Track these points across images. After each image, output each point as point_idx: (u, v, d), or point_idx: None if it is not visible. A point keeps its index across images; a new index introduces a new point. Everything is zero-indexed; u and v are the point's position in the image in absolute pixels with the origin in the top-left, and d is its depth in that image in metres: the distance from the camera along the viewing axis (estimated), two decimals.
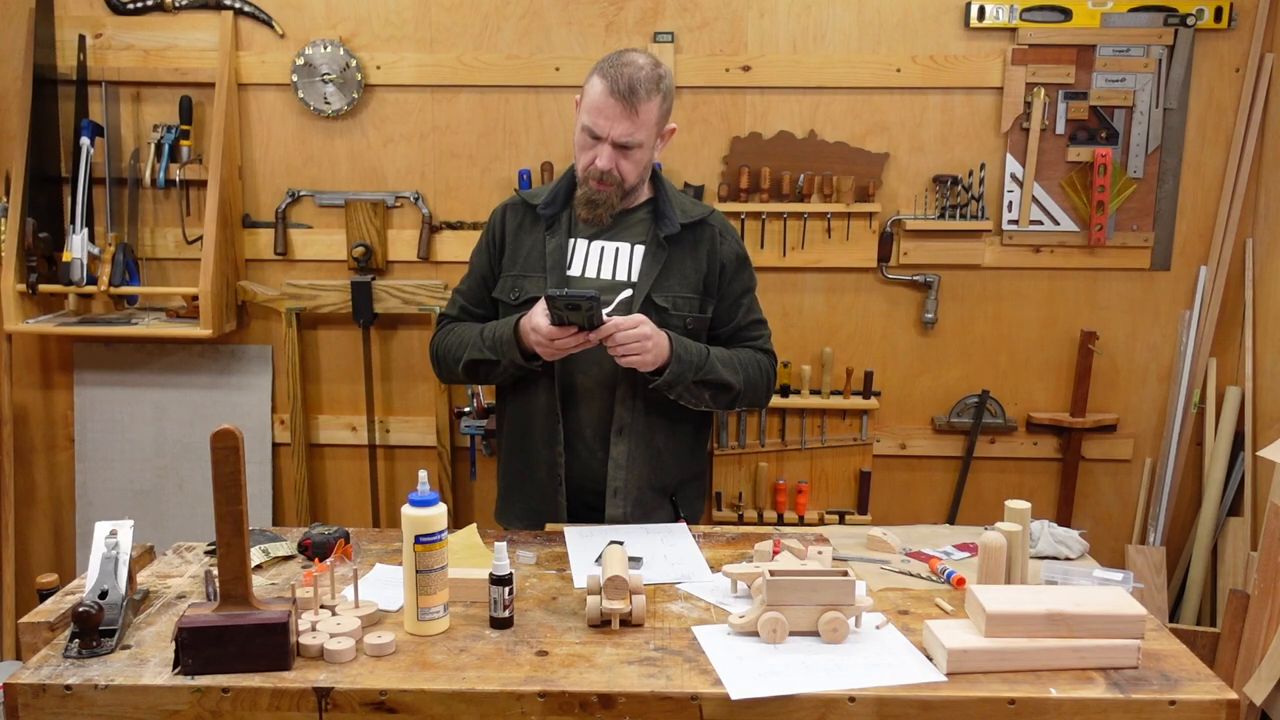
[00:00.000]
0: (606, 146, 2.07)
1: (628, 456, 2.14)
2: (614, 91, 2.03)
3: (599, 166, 2.08)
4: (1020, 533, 1.71)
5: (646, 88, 2.04)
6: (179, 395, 3.19)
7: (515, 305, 2.18)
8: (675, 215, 2.17)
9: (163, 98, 3.08)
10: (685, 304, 2.17)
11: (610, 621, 1.61)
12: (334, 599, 1.66)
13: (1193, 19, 2.96)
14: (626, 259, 2.18)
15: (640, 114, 2.05)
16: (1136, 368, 3.18)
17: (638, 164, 2.11)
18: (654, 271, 2.15)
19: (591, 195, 2.11)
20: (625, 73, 2.04)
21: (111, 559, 1.62)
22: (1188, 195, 3.08)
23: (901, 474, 3.26)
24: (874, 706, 1.43)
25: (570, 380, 2.16)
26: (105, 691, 1.44)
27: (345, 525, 2.08)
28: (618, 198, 2.13)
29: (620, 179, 2.10)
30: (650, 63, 2.09)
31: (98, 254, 2.99)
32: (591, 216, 2.13)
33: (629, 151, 2.08)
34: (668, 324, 2.12)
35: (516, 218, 2.26)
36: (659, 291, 2.14)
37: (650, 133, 2.09)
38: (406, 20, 3.04)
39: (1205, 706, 1.44)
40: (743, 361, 2.20)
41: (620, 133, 2.05)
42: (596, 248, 2.19)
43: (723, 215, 2.30)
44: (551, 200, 2.20)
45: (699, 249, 2.19)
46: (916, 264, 3.12)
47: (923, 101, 3.05)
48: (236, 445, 1.45)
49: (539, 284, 2.16)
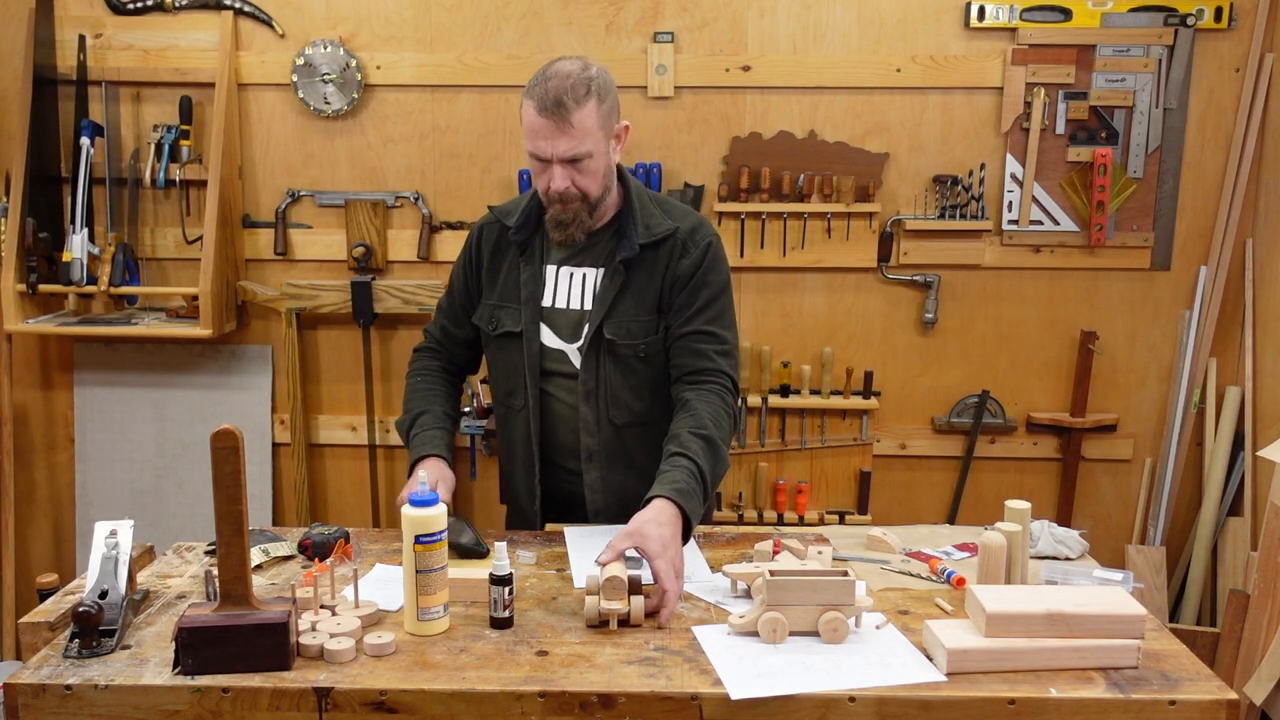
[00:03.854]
0: (555, 167, 1.95)
1: (602, 481, 2.11)
2: (542, 110, 1.91)
3: (555, 189, 1.96)
4: (1020, 533, 1.71)
5: (575, 96, 1.91)
6: (179, 395, 3.19)
7: (494, 336, 2.13)
8: (636, 234, 2.04)
9: (163, 98, 3.08)
10: (640, 329, 2.06)
11: (609, 622, 1.61)
12: (334, 599, 1.66)
13: (1193, 19, 2.96)
14: (591, 284, 2.09)
15: (576, 124, 1.91)
16: (1136, 368, 3.18)
17: (594, 174, 1.98)
18: (607, 299, 2.05)
19: (558, 216, 2.01)
20: (550, 87, 1.91)
21: (111, 559, 1.62)
22: (1188, 195, 3.08)
23: (901, 474, 3.26)
24: (874, 706, 1.43)
25: (547, 406, 2.12)
26: (105, 691, 1.44)
27: (345, 525, 2.08)
28: (586, 213, 2.01)
29: (581, 193, 1.98)
30: (578, 67, 1.95)
31: (98, 254, 2.99)
32: (564, 237, 2.03)
33: (580, 164, 1.95)
34: (617, 354, 2.06)
35: (491, 239, 2.16)
36: (611, 321, 2.05)
37: (596, 139, 1.95)
38: (406, 20, 3.04)
39: (1205, 706, 1.44)
40: (715, 421, 1.96)
41: (562, 150, 1.93)
42: (565, 274, 2.10)
43: (698, 220, 2.13)
44: (523, 224, 2.10)
45: (657, 267, 2.06)
46: (916, 264, 3.12)
47: (923, 101, 3.05)
48: (236, 445, 1.45)
49: (515, 316, 2.09)
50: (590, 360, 2.06)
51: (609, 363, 2.06)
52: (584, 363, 2.07)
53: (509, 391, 2.16)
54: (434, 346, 2.30)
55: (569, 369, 2.09)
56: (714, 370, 2.03)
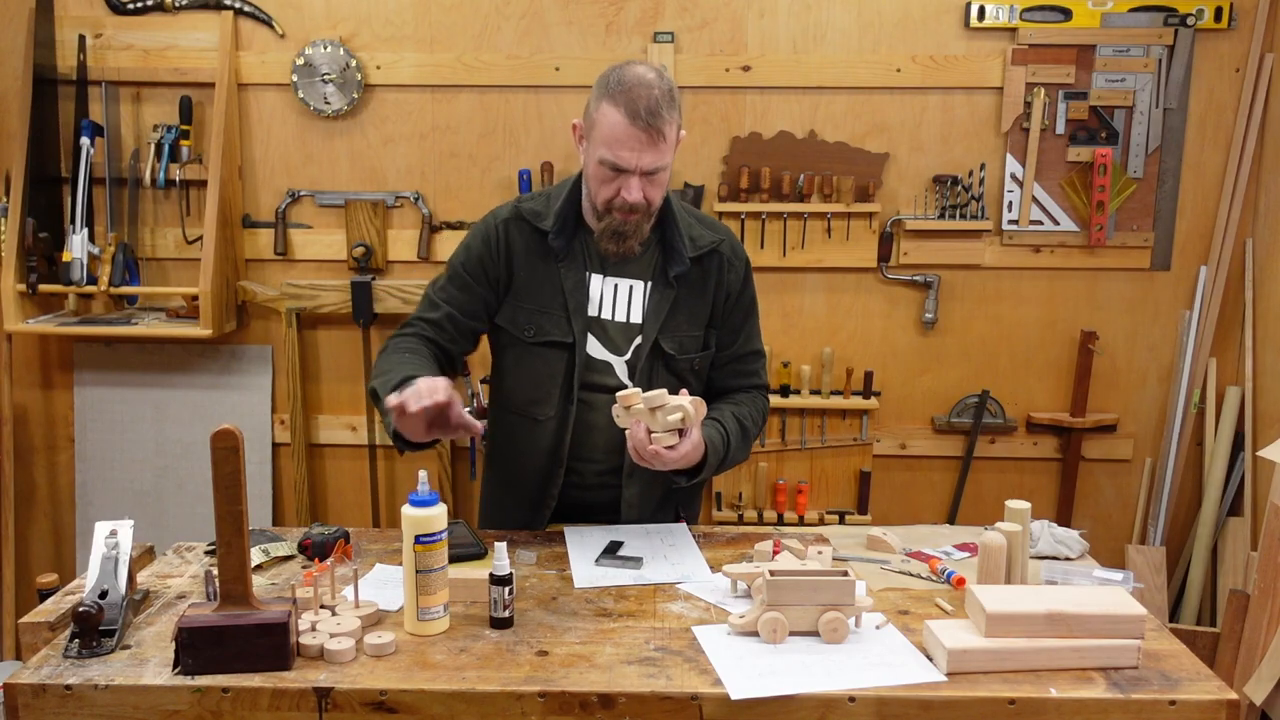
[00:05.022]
0: (635, 179, 1.88)
1: (640, 496, 2.08)
2: (636, 120, 1.83)
3: (630, 200, 1.89)
4: (1020, 533, 1.71)
5: (667, 108, 1.85)
6: (179, 395, 3.19)
7: (529, 343, 2.02)
8: (684, 248, 2.01)
9: (163, 98, 3.08)
10: (692, 343, 2.05)
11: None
12: (334, 599, 1.66)
13: (1193, 19, 2.96)
14: (638, 297, 2.03)
15: (666, 138, 1.87)
16: (1136, 368, 3.18)
17: (663, 186, 1.95)
18: (661, 313, 2.02)
19: (618, 228, 1.93)
20: (640, 95, 1.83)
21: (111, 559, 1.62)
22: (1188, 195, 3.08)
23: (901, 474, 3.26)
24: (874, 706, 1.43)
25: (581, 418, 2.04)
26: (105, 691, 1.44)
27: (345, 525, 2.08)
28: (647, 223, 1.97)
29: (648, 205, 1.93)
30: (658, 76, 1.89)
31: (98, 254, 2.99)
32: (623, 249, 1.95)
33: (655, 176, 1.90)
34: (672, 368, 2.04)
35: (523, 238, 2.02)
36: (666, 335, 2.02)
37: (674, 152, 1.93)
38: (406, 20, 3.04)
39: (1205, 706, 1.44)
40: (753, 418, 2.09)
41: (648, 162, 1.87)
42: (610, 285, 2.03)
43: (730, 233, 2.14)
44: (561, 228, 2.00)
45: (708, 281, 2.05)
46: (916, 264, 3.12)
47: (923, 101, 3.05)
48: (236, 445, 1.45)
49: (561, 324, 2.00)
50: (643, 374, 2.02)
51: (662, 376, 2.03)
52: (634, 377, 2.02)
53: (533, 401, 2.05)
54: (427, 334, 2.03)
55: (613, 382, 2.02)
56: (761, 385, 2.18)
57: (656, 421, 1.78)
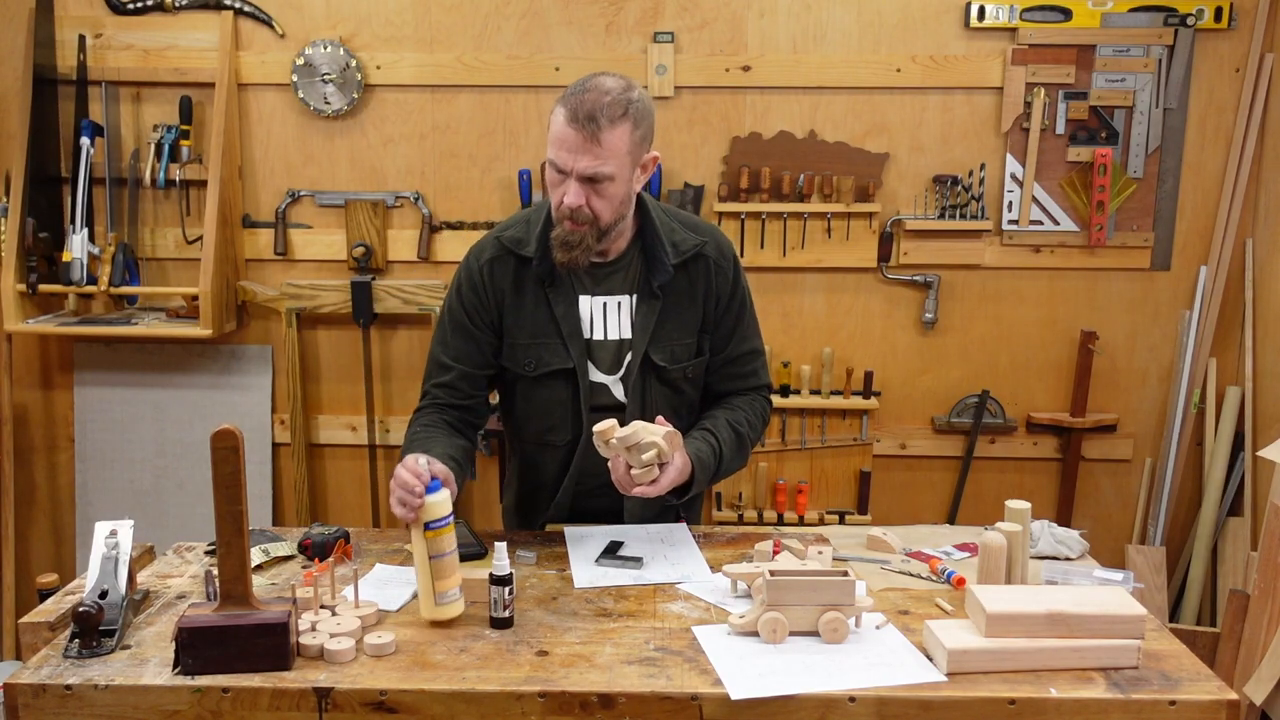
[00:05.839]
0: (572, 181, 1.84)
1: (643, 505, 2.06)
2: (573, 120, 1.81)
3: (567, 204, 1.85)
4: (1020, 533, 1.71)
5: (609, 114, 1.81)
6: (179, 395, 3.19)
7: (533, 377, 2.01)
8: (667, 256, 1.97)
9: (163, 98, 3.08)
10: (684, 351, 2.02)
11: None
12: (334, 599, 1.66)
13: (1193, 19, 2.96)
14: (625, 313, 2.00)
15: (605, 143, 1.81)
16: (1136, 368, 3.18)
17: (611, 199, 1.87)
18: (648, 326, 1.98)
19: (565, 237, 1.88)
20: (587, 99, 1.82)
21: (111, 559, 1.62)
22: (1188, 195, 3.08)
23: (901, 474, 3.26)
24: (874, 706, 1.43)
25: (589, 440, 1.98)
26: (105, 691, 1.44)
27: (345, 525, 2.07)
28: (594, 238, 1.89)
29: (593, 216, 1.87)
30: (620, 86, 1.85)
31: (98, 254, 2.99)
32: (569, 259, 1.90)
33: (598, 185, 1.84)
34: (665, 380, 2.03)
35: (508, 273, 1.99)
36: (656, 346, 1.99)
37: (622, 163, 1.85)
38: (406, 20, 3.04)
39: (1205, 706, 1.44)
40: (751, 423, 2.07)
41: (584, 165, 1.82)
42: (599, 305, 2.00)
43: (715, 230, 2.09)
44: (544, 254, 1.96)
45: (695, 288, 2.01)
46: (916, 264, 3.12)
47: (923, 101, 3.05)
48: (236, 445, 1.45)
49: (559, 352, 1.98)
50: (636, 389, 2.01)
51: (655, 389, 2.02)
52: (628, 393, 2.01)
53: (547, 429, 2.05)
54: (440, 401, 2.03)
55: (611, 401, 2.01)
56: (760, 386, 2.14)
57: (634, 458, 1.77)
